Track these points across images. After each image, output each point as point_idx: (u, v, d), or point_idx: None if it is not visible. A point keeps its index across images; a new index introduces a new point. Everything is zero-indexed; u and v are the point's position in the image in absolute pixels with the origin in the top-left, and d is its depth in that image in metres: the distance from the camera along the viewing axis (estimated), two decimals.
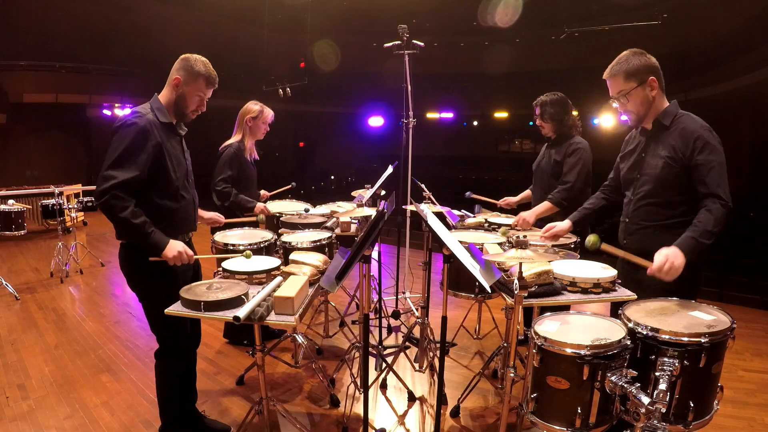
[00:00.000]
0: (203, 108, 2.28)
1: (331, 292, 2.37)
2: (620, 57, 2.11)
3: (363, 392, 2.20)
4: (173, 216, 2.18)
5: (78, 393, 2.96)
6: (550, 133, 3.24)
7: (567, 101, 3.18)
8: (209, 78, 2.21)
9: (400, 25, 4.06)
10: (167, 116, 2.17)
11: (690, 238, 1.89)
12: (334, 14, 11.56)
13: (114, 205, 1.96)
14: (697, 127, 2.01)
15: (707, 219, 1.91)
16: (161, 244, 2.05)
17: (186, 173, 2.27)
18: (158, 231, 2.06)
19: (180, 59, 2.20)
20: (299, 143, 18.34)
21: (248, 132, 3.41)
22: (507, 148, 17.93)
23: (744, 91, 9.98)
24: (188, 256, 2.13)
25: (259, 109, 3.41)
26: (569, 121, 3.17)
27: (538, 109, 3.22)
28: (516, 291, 1.76)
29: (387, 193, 3.71)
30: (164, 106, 2.18)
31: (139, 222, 2.00)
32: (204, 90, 2.22)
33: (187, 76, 2.17)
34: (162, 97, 2.21)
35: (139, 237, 2.02)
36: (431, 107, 15.93)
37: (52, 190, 6.13)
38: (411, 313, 4.26)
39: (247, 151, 3.39)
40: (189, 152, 2.36)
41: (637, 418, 1.51)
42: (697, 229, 1.90)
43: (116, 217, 1.98)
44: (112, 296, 4.91)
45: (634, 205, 2.19)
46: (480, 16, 11.49)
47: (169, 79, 2.19)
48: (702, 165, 1.96)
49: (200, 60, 2.21)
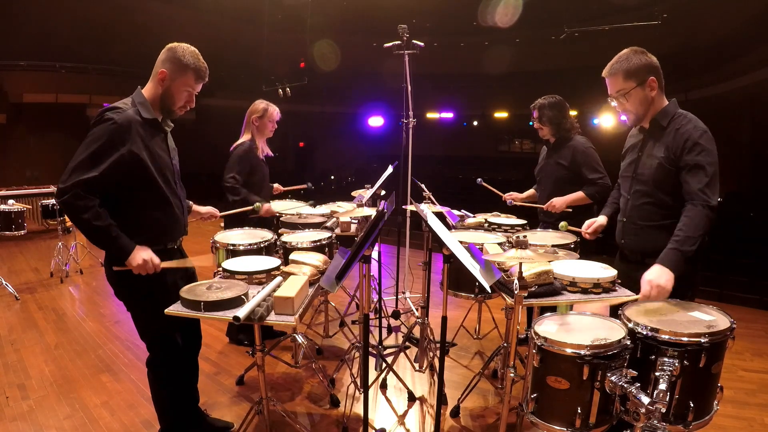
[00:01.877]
0: (192, 104, 2.10)
1: (331, 292, 2.37)
2: (620, 55, 2.07)
3: (363, 392, 2.20)
4: (159, 223, 2.04)
5: (78, 393, 2.97)
6: (549, 136, 3.24)
7: (564, 103, 3.17)
8: (198, 71, 2.02)
9: (400, 25, 4.06)
10: (151, 112, 1.98)
11: (672, 251, 1.87)
12: (334, 14, 11.55)
13: (75, 204, 1.80)
14: (691, 128, 1.97)
15: (687, 225, 1.89)
16: (126, 250, 1.89)
17: (173, 174, 2.11)
18: (124, 236, 1.89)
19: (166, 49, 1.99)
20: (299, 143, 18.34)
21: (256, 131, 3.43)
22: (507, 148, 17.91)
23: (744, 91, 9.97)
24: (154, 265, 1.96)
25: (264, 107, 3.42)
26: (567, 124, 3.17)
27: (536, 113, 3.23)
28: (516, 291, 1.76)
29: (387, 193, 3.71)
30: (148, 101, 1.99)
31: (101, 225, 1.83)
32: (193, 84, 2.03)
33: (175, 68, 1.97)
34: (146, 91, 2.01)
35: (103, 242, 1.87)
36: (431, 107, 15.92)
37: (52, 190, 6.14)
38: (411, 313, 4.26)
39: (258, 149, 3.41)
40: (176, 150, 2.20)
41: (637, 418, 1.50)
42: (678, 239, 1.88)
43: (77, 218, 1.82)
44: (112, 296, 4.86)
45: (630, 204, 2.18)
46: (480, 16, 11.49)
47: (154, 72, 1.99)
48: (688, 165, 1.94)
49: (189, 50, 2.00)
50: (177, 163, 2.20)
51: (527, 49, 12.84)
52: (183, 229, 2.23)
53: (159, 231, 2.06)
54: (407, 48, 4.09)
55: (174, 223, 2.12)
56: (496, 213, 3.48)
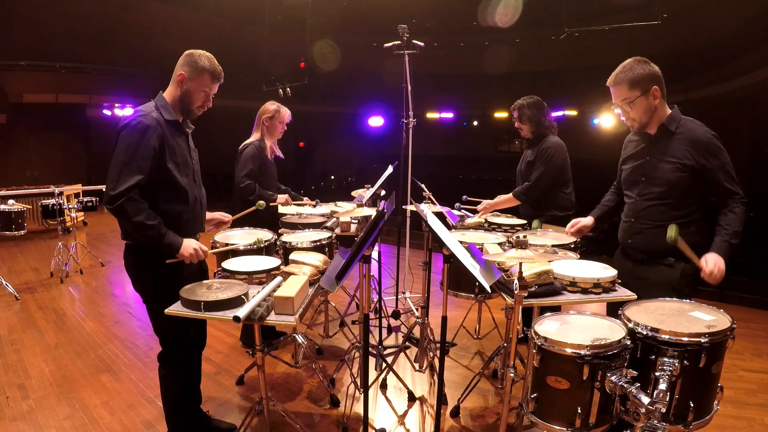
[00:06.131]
0: (209, 104, 2.26)
1: (331, 292, 2.37)
2: (624, 65, 2.14)
3: (363, 392, 2.20)
4: (180, 218, 2.15)
5: (78, 393, 2.97)
6: (528, 134, 3.37)
7: (543, 103, 3.31)
8: (214, 73, 2.19)
9: (400, 25, 4.06)
10: (172, 114, 2.14)
11: (725, 243, 2.03)
12: (334, 14, 11.55)
13: (129, 208, 1.94)
14: (704, 132, 2.08)
15: (733, 220, 2.05)
16: (176, 244, 2.05)
17: (193, 173, 2.26)
18: (171, 231, 2.05)
19: (184, 55, 2.18)
20: (299, 143, 18.34)
21: (266, 131, 3.45)
22: (507, 148, 17.88)
23: (744, 91, 9.97)
24: (203, 252, 2.15)
25: (276, 108, 3.44)
26: (546, 122, 3.30)
27: (516, 113, 3.37)
28: (516, 291, 1.76)
29: (387, 193, 3.71)
30: (169, 104, 2.16)
31: (154, 224, 1.99)
32: (209, 85, 2.20)
33: (192, 71, 2.15)
34: (167, 94, 2.18)
35: (154, 239, 2.01)
36: (431, 107, 15.91)
37: (52, 190, 6.14)
38: (411, 313, 4.26)
39: (267, 149, 3.41)
40: (197, 151, 2.35)
41: (637, 418, 1.51)
42: (728, 233, 2.04)
43: (131, 221, 1.96)
44: (112, 296, 4.91)
45: (641, 205, 2.22)
46: (480, 16, 11.48)
47: (174, 76, 2.17)
48: (717, 169, 2.06)
49: (204, 55, 2.18)
50: (197, 163, 2.34)
51: (527, 49, 12.82)
52: (201, 226, 2.37)
53: (180, 225, 2.15)
54: (407, 48, 4.09)
55: (194, 219, 2.26)
56: (496, 213, 3.49)
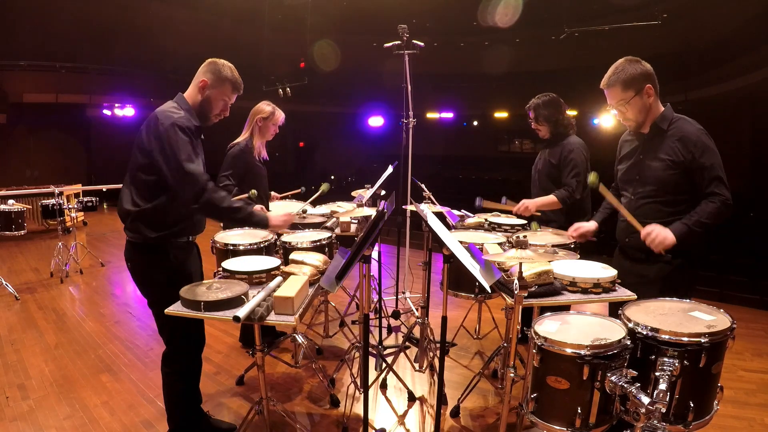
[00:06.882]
0: (226, 113, 2.30)
1: (331, 292, 2.38)
2: (616, 66, 2.14)
3: (363, 392, 2.20)
4: (192, 218, 2.21)
5: (78, 393, 2.97)
6: (547, 135, 3.23)
7: (560, 101, 3.15)
8: (236, 84, 2.24)
9: (400, 25, 4.06)
10: (196, 119, 2.18)
11: (683, 224, 2.05)
12: (334, 14, 11.54)
13: (214, 198, 2.05)
14: (695, 130, 2.08)
15: (702, 210, 2.05)
16: (264, 218, 2.22)
17: None
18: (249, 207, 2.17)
19: (207, 62, 2.21)
20: (299, 143, 18.34)
21: (257, 132, 3.38)
22: (507, 148, 17.89)
23: (744, 91, 9.96)
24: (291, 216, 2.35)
25: (271, 110, 3.38)
26: (564, 121, 3.15)
27: (531, 113, 3.22)
28: (516, 291, 1.76)
29: (387, 193, 3.71)
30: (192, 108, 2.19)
31: (239, 205, 2.12)
32: (229, 95, 2.24)
33: (215, 79, 2.18)
34: (188, 97, 2.20)
35: (243, 219, 2.15)
36: (431, 107, 15.90)
37: (52, 190, 6.15)
38: (411, 313, 4.26)
39: (255, 150, 3.38)
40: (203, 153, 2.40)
41: (637, 418, 1.51)
42: (691, 218, 2.05)
43: (219, 210, 2.08)
44: (112, 296, 4.91)
45: (635, 204, 2.23)
46: (480, 16, 11.47)
47: (195, 81, 2.19)
48: (703, 167, 2.05)
49: (227, 65, 2.23)
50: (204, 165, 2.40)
51: (527, 49, 12.81)
52: (204, 225, 2.40)
53: (193, 225, 2.22)
54: (407, 48, 4.09)
55: (202, 219, 2.32)
56: (496, 213, 3.48)
